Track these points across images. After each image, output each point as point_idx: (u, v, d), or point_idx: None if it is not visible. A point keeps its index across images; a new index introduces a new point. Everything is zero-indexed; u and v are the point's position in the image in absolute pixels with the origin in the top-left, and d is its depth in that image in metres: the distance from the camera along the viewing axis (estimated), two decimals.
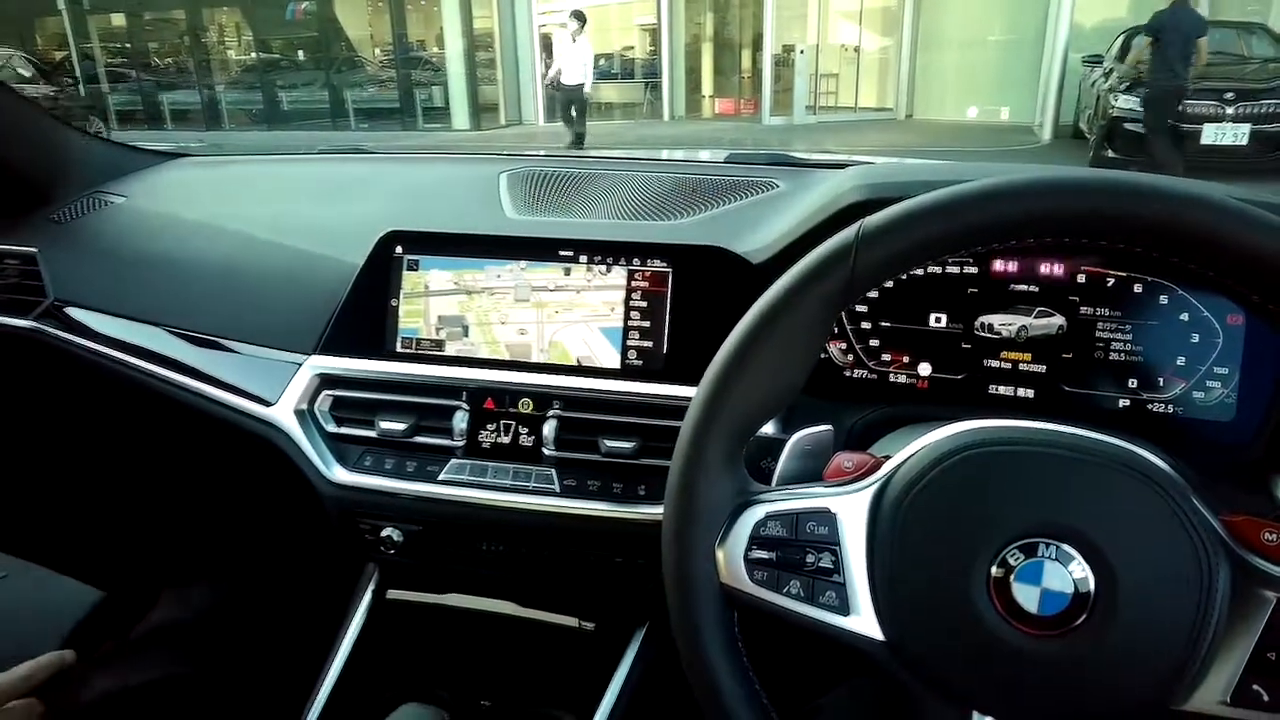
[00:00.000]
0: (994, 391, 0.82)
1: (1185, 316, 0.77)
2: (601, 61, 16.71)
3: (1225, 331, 0.76)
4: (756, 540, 0.55)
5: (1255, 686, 0.47)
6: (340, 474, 0.89)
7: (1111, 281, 0.78)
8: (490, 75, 14.76)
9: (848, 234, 0.54)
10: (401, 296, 0.92)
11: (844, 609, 0.53)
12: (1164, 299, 0.77)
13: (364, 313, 0.92)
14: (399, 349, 0.91)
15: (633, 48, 16.99)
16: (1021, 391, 0.81)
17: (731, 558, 0.55)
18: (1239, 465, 0.76)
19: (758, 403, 0.56)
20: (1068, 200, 0.50)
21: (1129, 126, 7.32)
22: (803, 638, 0.54)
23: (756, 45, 14.73)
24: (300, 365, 0.93)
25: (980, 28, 13.24)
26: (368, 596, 1.02)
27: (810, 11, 14.57)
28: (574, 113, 9.62)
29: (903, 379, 0.85)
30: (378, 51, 16.14)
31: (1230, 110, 7.01)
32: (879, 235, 0.53)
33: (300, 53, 16.51)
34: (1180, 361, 0.78)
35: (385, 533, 0.92)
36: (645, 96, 16.16)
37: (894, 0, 14.30)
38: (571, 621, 0.98)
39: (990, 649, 0.49)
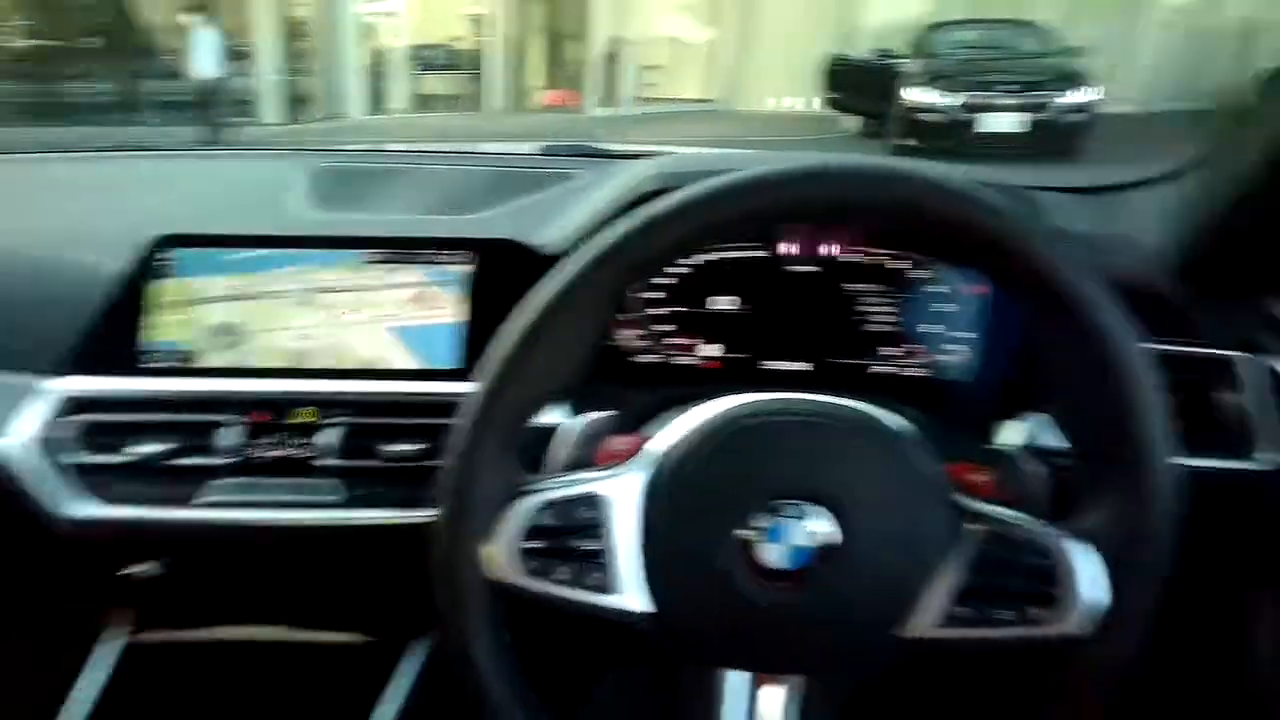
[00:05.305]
0: (774, 368, 0.88)
1: (933, 288, 0.85)
2: (427, 51, 16.23)
3: (971, 301, 0.85)
4: (529, 531, 0.56)
5: (962, 609, 0.53)
6: (86, 509, 0.80)
7: (869, 258, 0.85)
8: (309, 65, 13.95)
9: (627, 223, 0.55)
10: (169, 305, 0.85)
11: (610, 588, 0.55)
12: (920, 274, 0.85)
13: (123, 325, 0.84)
14: (163, 363, 0.85)
15: (460, 38, 16.61)
16: (798, 366, 0.87)
17: (504, 551, 0.56)
18: (981, 418, 0.85)
19: (535, 395, 0.57)
20: (817, 186, 0.53)
21: (926, 117, 7.98)
22: (574, 632, 0.56)
23: (583, 37, 14.80)
24: (37, 388, 0.82)
25: (797, 21, 13.90)
26: (116, 644, 0.93)
27: (636, 4, 14.82)
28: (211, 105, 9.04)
29: (691, 361, 0.88)
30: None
31: (1012, 101, 7.77)
32: (658, 223, 0.55)
33: (88, 39, 14.93)
34: (930, 329, 0.86)
35: (137, 569, 0.84)
36: (471, 88, 15.84)
37: None
38: (351, 638, 0.95)
39: (741, 607, 0.53)
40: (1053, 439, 0.60)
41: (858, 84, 9.65)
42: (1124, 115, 9.60)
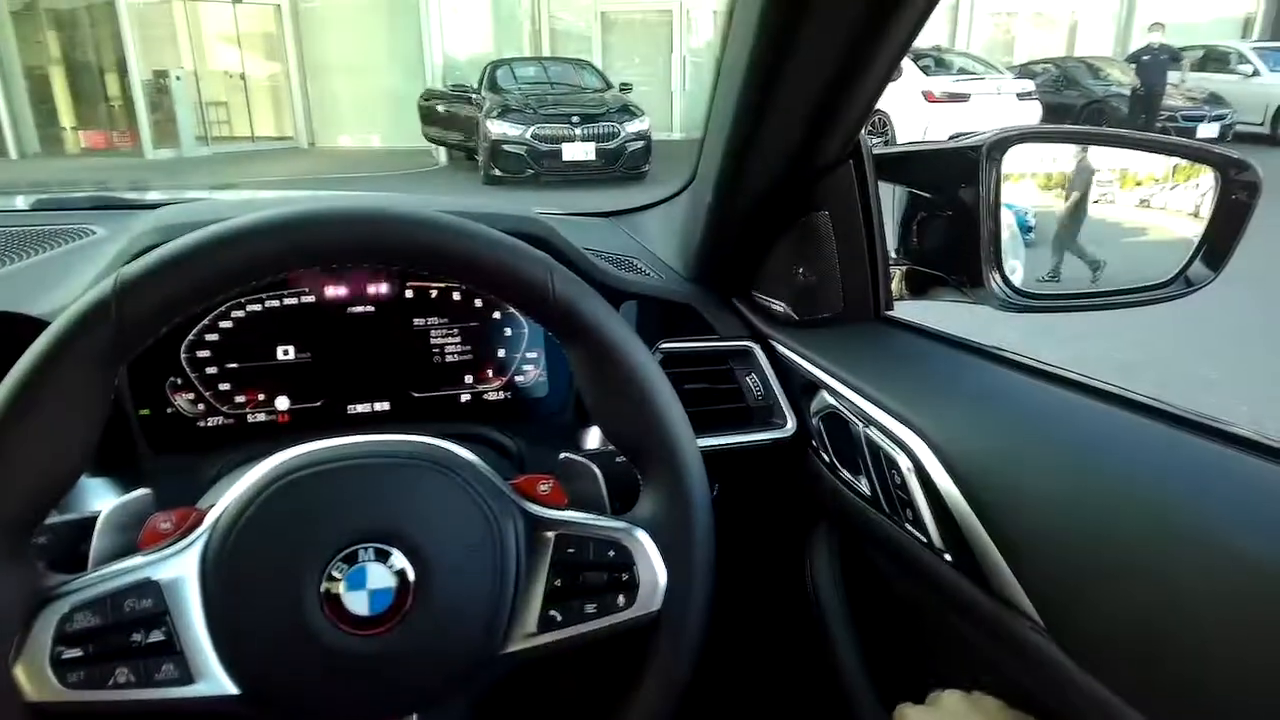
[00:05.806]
0: (353, 411, 0.86)
1: (497, 315, 0.90)
2: None
3: (529, 324, 0.91)
4: (64, 639, 0.48)
5: (552, 612, 0.56)
6: None
7: (435, 293, 0.88)
8: None
9: (104, 286, 0.50)
10: None
11: (187, 678, 0.50)
12: (478, 303, 0.89)
13: None
14: None
15: None
16: (378, 406, 0.87)
17: (35, 668, 0.47)
18: (560, 429, 0.92)
19: (30, 490, 0.49)
20: (304, 232, 0.52)
21: (506, 148, 8.38)
22: None
23: (122, 70, 12.93)
24: None
25: (365, 57, 13.63)
26: None
27: (181, 34, 13.34)
28: None
29: (262, 417, 0.83)
30: None
31: (579, 131, 8.46)
32: (141, 283, 0.50)
33: None
34: (501, 354, 0.91)
35: None
36: None
37: (274, 27, 13.90)
38: None
39: (336, 663, 0.51)
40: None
41: (443, 118, 9.81)
42: (669, 141, 11.09)
